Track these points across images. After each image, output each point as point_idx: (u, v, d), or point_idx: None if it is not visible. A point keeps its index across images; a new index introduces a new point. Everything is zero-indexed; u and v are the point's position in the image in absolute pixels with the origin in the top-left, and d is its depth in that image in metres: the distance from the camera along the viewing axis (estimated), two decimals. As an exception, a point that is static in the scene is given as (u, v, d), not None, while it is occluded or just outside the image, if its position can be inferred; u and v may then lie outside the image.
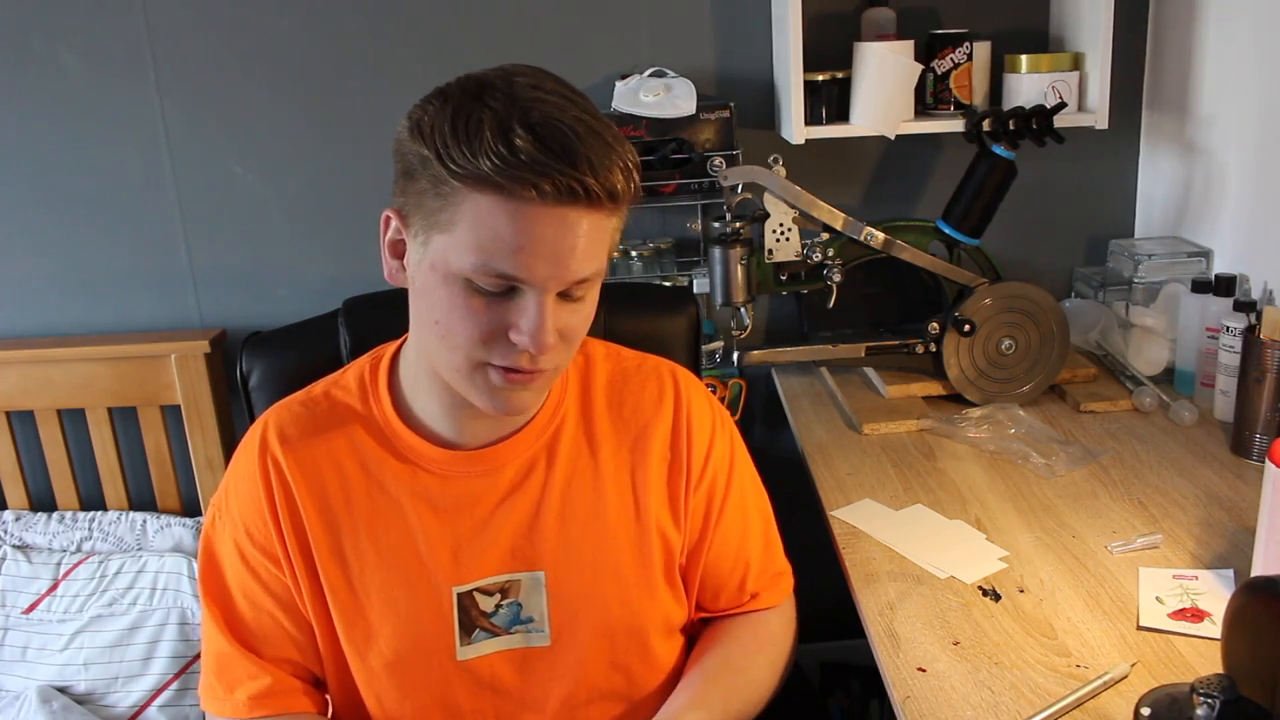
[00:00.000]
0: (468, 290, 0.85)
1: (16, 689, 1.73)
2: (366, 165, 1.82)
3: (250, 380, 1.23)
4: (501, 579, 0.99)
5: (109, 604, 1.75)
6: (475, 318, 0.85)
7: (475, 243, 0.82)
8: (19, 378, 1.82)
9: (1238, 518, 1.21)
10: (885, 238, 1.56)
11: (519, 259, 0.82)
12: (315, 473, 0.98)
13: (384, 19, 1.76)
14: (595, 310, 0.93)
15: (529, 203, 0.81)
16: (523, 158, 0.79)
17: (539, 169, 0.79)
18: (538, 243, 0.82)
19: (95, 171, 1.80)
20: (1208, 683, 0.77)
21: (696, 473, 1.04)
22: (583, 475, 1.01)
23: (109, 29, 1.74)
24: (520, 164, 0.79)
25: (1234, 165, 1.63)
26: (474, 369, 0.88)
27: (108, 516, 1.86)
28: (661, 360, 1.09)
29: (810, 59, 1.64)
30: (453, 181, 0.82)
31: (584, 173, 0.81)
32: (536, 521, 0.99)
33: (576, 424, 1.02)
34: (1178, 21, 1.73)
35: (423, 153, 0.83)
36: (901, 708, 0.92)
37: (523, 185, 0.80)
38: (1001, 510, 1.27)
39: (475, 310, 0.85)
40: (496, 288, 0.84)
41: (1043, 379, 1.58)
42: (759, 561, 1.10)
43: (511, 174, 0.79)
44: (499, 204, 0.81)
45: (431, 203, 0.84)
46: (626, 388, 1.05)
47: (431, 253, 0.85)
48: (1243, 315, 1.41)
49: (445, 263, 0.84)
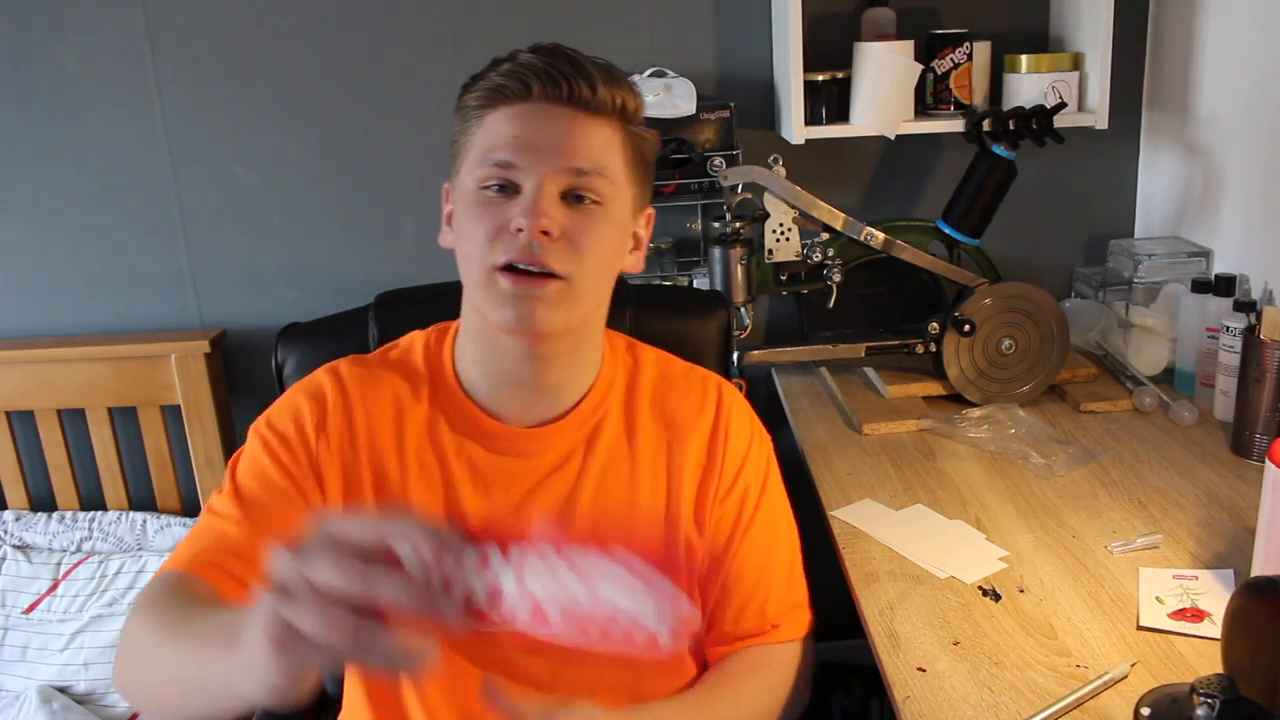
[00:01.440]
0: (477, 199, 0.93)
1: (16, 689, 1.73)
2: (367, 165, 1.83)
3: (285, 369, 1.27)
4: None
5: (109, 604, 1.75)
6: (481, 217, 0.92)
7: (482, 150, 0.92)
8: (19, 378, 1.82)
9: (1238, 518, 1.21)
10: (885, 238, 1.56)
11: (513, 147, 0.91)
12: (378, 406, 1.00)
13: (384, 19, 1.76)
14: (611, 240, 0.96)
15: (523, 100, 0.92)
16: (521, 63, 0.92)
17: (531, 69, 0.92)
18: (531, 132, 0.91)
19: (95, 171, 1.80)
20: (1208, 683, 0.77)
21: (727, 483, 1.05)
22: (619, 469, 1.03)
23: (109, 28, 1.74)
24: (517, 69, 0.92)
25: (1234, 165, 1.63)
26: (488, 277, 0.92)
27: (108, 516, 1.86)
28: (710, 373, 1.11)
29: (810, 59, 1.64)
30: (469, 109, 0.94)
31: (574, 74, 0.91)
32: (568, 507, 1.01)
33: (619, 420, 1.04)
34: (1178, 21, 1.73)
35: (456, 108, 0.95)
36: (901, 708, 0.92)
37: (518, 86, 0.91)
38: (1001, 510, 1.27)
39: (481, 212, 0.92)
40: (496, 179, 0.91)
41: (1043, 379, 1.58)
42: (781, 588, 1.08)
43: (508, 79, 0.92)
44: (501, 113, 0.93)
45: (458, 143, 0.96)
46: (671, 391, 1.07)
47: (459, 184, 0.95)
48: (1243, 315, 1.41)
49: (465, 183, 0.94)
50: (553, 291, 0.92)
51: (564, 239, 0.91)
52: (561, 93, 0.92)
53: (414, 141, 1.82)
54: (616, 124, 0.95)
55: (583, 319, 0.97)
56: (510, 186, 0.92)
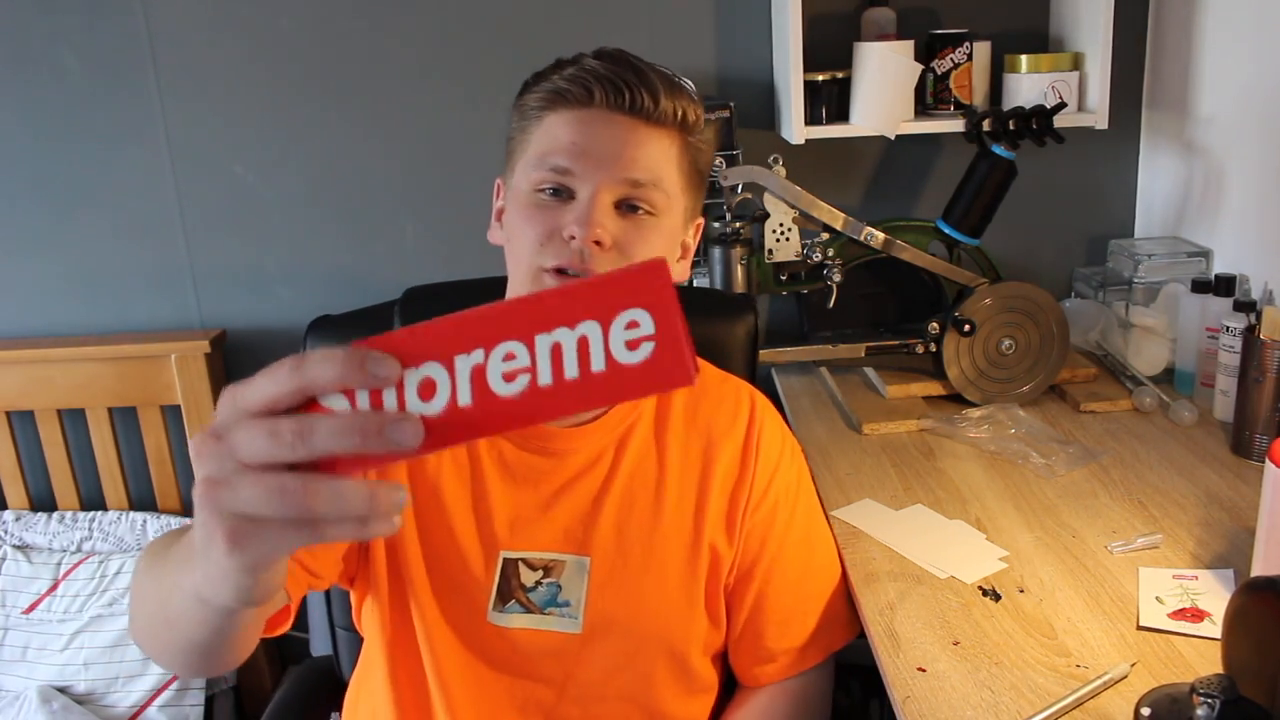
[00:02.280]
0: (531, 200, 0.93)
1: (16, 689, 1.73)
2: (367, 165, 1.83)
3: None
4: (548, 556, 1.01)
5: (109, 604, 1.75)
6: (533, 220, 0.92)
7: (539, 152, 0.93)
8: (19, 378, 1.83)
9: (1238, 518, 1.21)
10: (885, 238, 1.56)
11: (570, 152, 0.92)
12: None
13: (385, 19, 1.76)
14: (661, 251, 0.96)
15: (585, 106, 0.92)
16: (585, 68, 0.92)
17: (595, 76, 0.92)
18: (590, 140, 0.92)
19: (95, 171, 1.80)
20: (1208, 683, 0.77)
21: (759, 494, 1.06)
22: (646, 476, 1.03)
23: (109, 29, 1.74)
24: (581, 74, 0.92)
25: (1234, 165, 1.63)
26: (535, 279, 0.92)
27: (108, 516, 1.86)
28: (743, 383, 1.13)
29: (810, 59, 1.64)
30: (529, 107, 0.94)
31: (637, 84, 0.92)
32: (594, 510, 1.01)
33: (649, 427, 1.05)
34: (1178, 21, 1.73)
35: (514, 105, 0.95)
36: (901, 708, 0.92)
37: (580, 91, 0.92)
38: (1001, 510, 1.27)
39: (534, 214, 0.93)
40: (552, 184, 0.92)
41: (1043, 379, 1.58)
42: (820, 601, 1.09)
43: (571, 84, 0.92)
44: (561, 115, 0.93)
45: (515, 140, 0.96)
46: (705, 400, 1.08)
47: (513, 183, 0.96)
48: (1243, 315, 1.41)
49: (519, 183, 0.95)
50: None
51: (615, 248, 0.92)
52: (624, 101, 0.92)
53: (414, 142, 1.82)
54: (675, 135, 0.96)
55: None
56: (565, 191, 0.92)
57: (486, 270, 1.40)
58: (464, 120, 1.81)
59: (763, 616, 1.07)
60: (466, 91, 1.80)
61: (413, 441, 0.49)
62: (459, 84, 1.80)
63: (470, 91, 1.80)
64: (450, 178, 1.84)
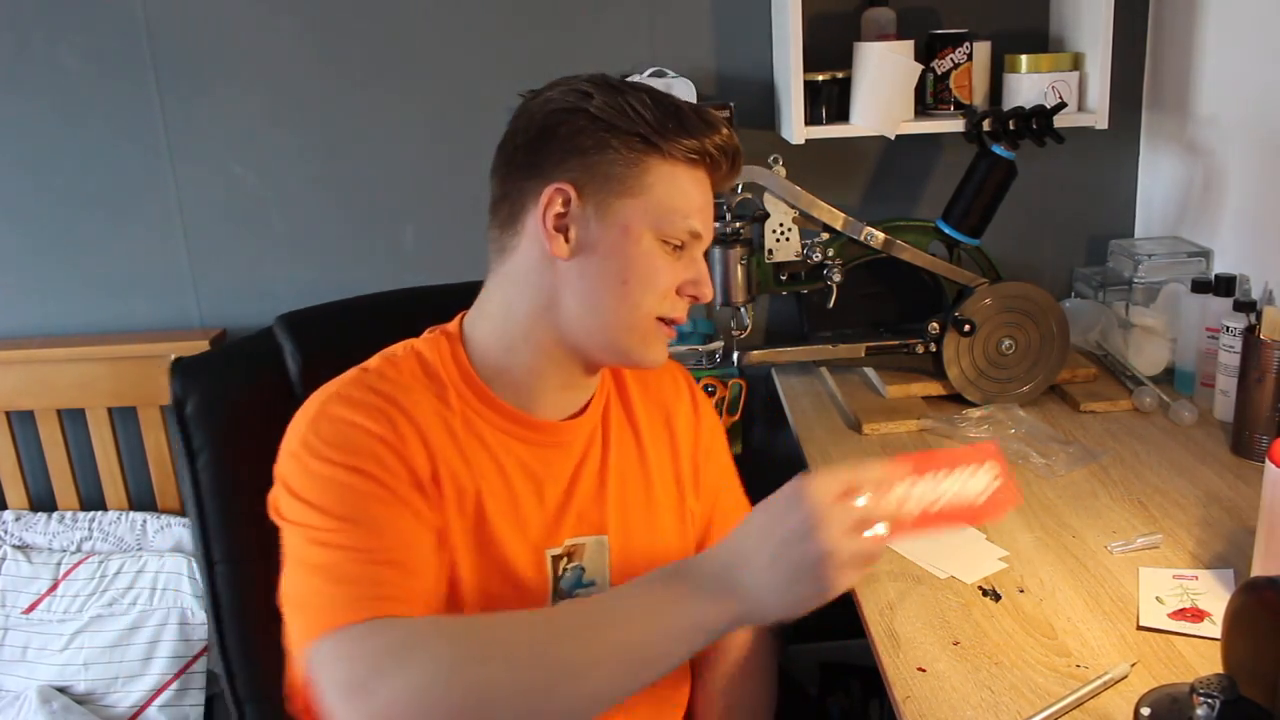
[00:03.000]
0: (660, 248, 0.96)
1: (16, 689, 1.73)
2: (367, 166, 1.83)
3: (186, 408, 1.14)
4: (572, 542, 1.03)
5: (109, 604, 1.75)
6: (667, 271, 0.97)
7: (676, 208, 0.96)
8: (19, 378, 1.82)
9: (1238, 518, 1.21)
10: (885, 238, 1.56)
11: (703, 219, 0.98)
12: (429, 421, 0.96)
13: (384, 20, 1.76)
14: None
15: (711, 172, 0.98)
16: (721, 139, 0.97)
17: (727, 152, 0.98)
18: (708, 207, 0.99)
19: (95, 171, 1.80)
20: (1208, 683, 0.77)
21: (706, 452, 1.16)
22: (628, 451, 1.09)
23: (109, 28, 1.74)
24: (721, 147, 0.97)
25: (1234, 165, 1.63)
26: (651, 325, 0.98)
27: (108, 516, 1.86)
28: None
29: (810, 59, 1.64)
30: (656, 145, 0.94)
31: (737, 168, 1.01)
32: (601, 490, 1.05)
33: (618, 407, 1.10)
34: (1178, 21, 1.73)
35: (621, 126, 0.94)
36: (901, 708, 0.92)
37: (718, 160, 0.97)
38: (1001, 510, 1.27)
39: (665, 266, 0.97)
40: (681, 241, 0.97)
41: (1043, 379, 1.58)
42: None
43: (719, 154, 0.97)
44: (693, 175, 0.97)
45: (622, 171, 0.95)
46: (650, 377, 1.14)
47: (623, 217, 0.95)
48: (1243, 315, 1.41)
49: (639, 224, 0.95)
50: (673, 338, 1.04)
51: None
52: (726, 180, 1.01)
53: (415, 143, 1.82)
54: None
55: None
56: (682, 248, 0.98)
57: (485, 272, 1.39)
58: (465, 121, 1.81)
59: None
60: (467, 92, 1.80)
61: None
62: (460, 85, 1.80)
63: (471, 92, 1.80)
64: (451, 179, 1.83)
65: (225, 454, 1.13)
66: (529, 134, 0.96)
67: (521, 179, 0.97)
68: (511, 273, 0.99)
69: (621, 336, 0.98)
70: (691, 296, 0.99)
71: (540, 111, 0.96)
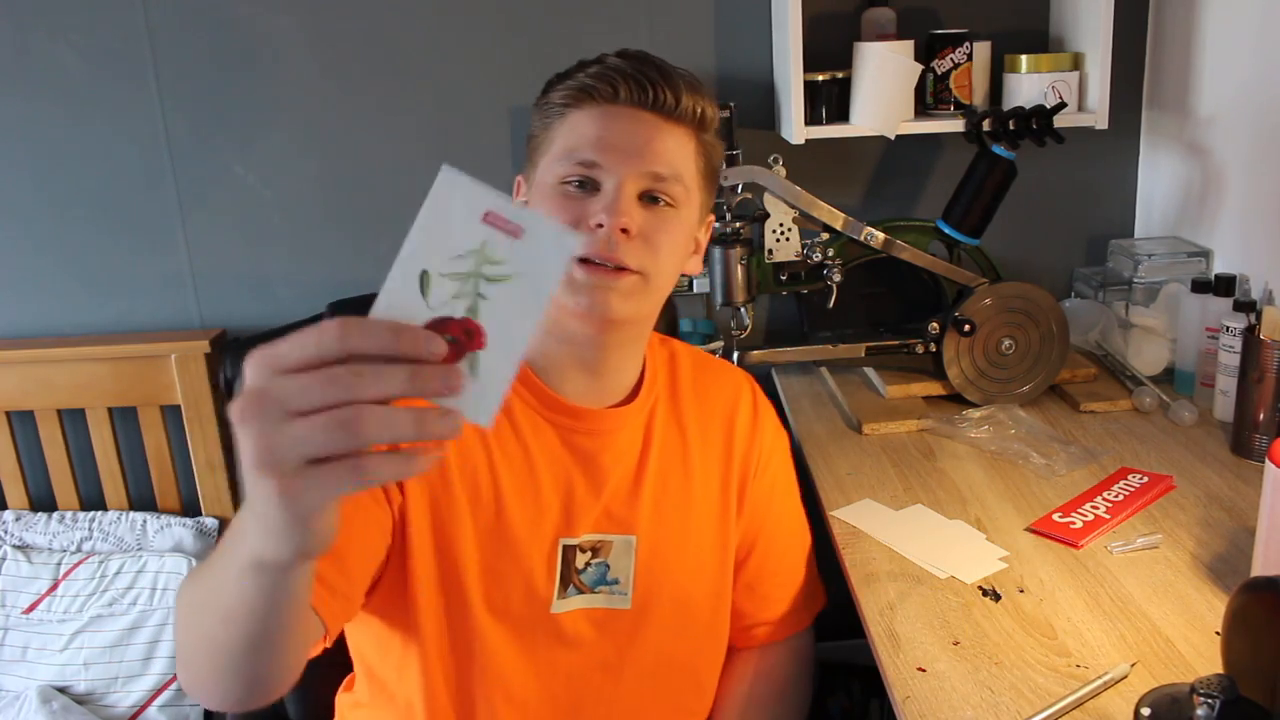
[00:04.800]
0: (557, 193, 0.96)
1: (16, 689, 1.73)
2: (368, 165, 1.83)
3: (236, 385, 1.25)
4: (596, 537, 1.03)
5: (109, 604, 1.75)
6: (561, 211, 0.95)
7: (565, 147, 0.96)
8: (19, 378, 1.82)
9: (1238, 518, 1.21)
10: (885, 238, 1.56)
11: (598, 146, 0.95)
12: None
13: (383, 19, 1.76)
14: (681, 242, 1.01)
15: (609, 103, 0.96)
16: (609, 66, 0.96)
17: (620, 73, 0.95)
18: (615, 134, 0.95)
19: (95, 171, 1.80)
20: (1208, 683, 0.77)
21: (762, 466, 1.14)
22: (673, 453, 1.08)
23: (109, 28, 1.74)
24: (606, 72, 0.95)
25: (1234, 165, 1.63)
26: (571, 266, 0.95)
27: (108, 516, 1.86)
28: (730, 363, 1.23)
29: (810, 59, 1.63)
30: (553, 104, 0.96)
31: (660, 81, 0.96)
32: (634, 489, 1.05)
33: (667, 406, 1.09)
34: (1178, 21, 1.73)
35: (536, 102, 0.98)
36: (901, 708, 0.92)
37: (606, 88, 0.95)
38: (1001, 510, 1.27)
39: (562, 205, 0.95)
40: (578, 177, 0.95)
41: (1043, 379, 1.58)
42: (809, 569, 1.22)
43: (596, 80, 0.95)
44: (586, 113, 0.96)
45: (538, 138, 0.99)
46: (709, 377, 1.14)
47: (537, 178, 0.98)
48: (1243, 315, 1.41)
49: (544, 179, 0.97)
50: (627, 284, 0.96)
51: (640, 237, 0.96)
52: (647, 98, 0.96)
53: (415, 142, 1.82)
54: (693, 132, 1.00)
55: (650, 311, 1.02)
56: (590, 184, 0.96)
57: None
58: (464, 121, 1.81)
59: (765, 581, 1.16)
60: (467, 91, 1.80)
61: (454, 435, 0.52)
62: (460, 84, 1.80)
63: (470, 92, 1.80)
64: (450, 178, 1.83)
65: None
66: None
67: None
68: None
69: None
70: (599, 225, 0.93)
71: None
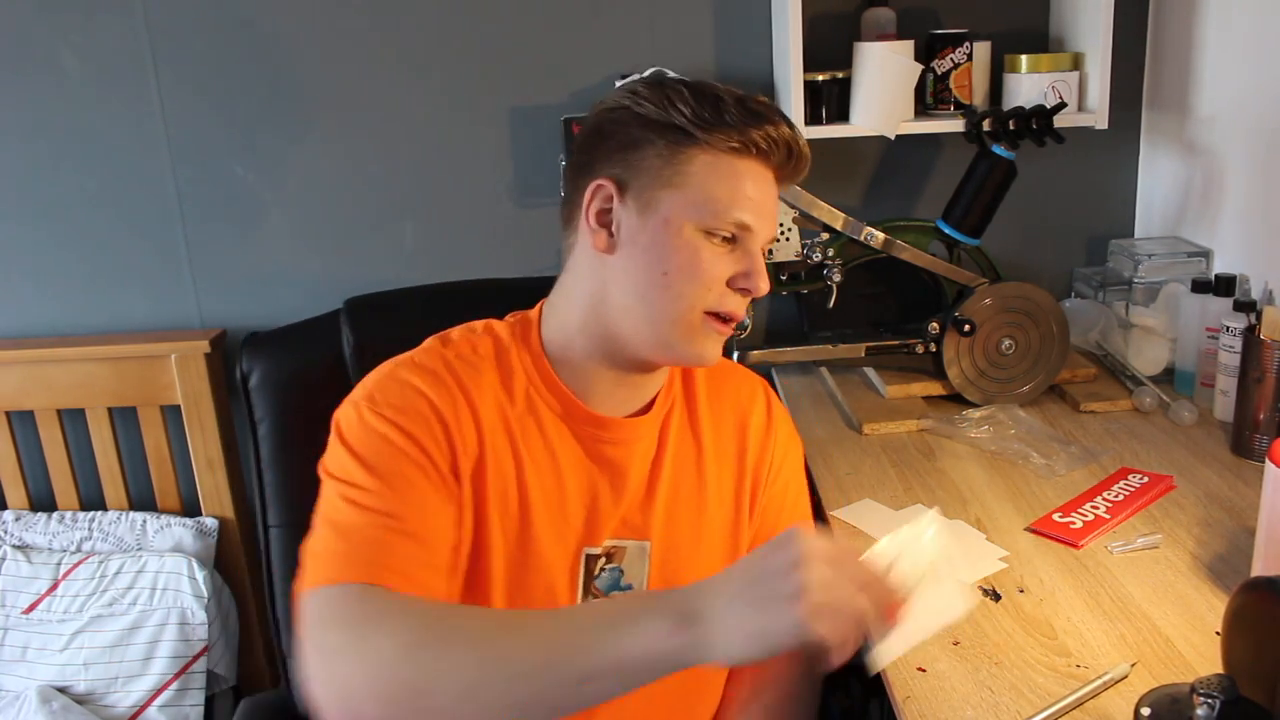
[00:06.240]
0: (703, 239, 0.95)
1: (16, 689, 1.73)
2: (367, 165, 1.83)
3: (250, 380, 1.26)
4: (612, 543, 1.03)
5: (109, 604, 1.75)
6: (712, 264, 0.95)
7: (720, 198, 0.94)
8: (19, 378, 1.83)
9: (1238, 518, 1.21)
10: (885, 238, 1.56)
11: (755, 212, 0.96)
12: (489, 409, 0.98)
13: (383, 19, 1.76)
14: None
15: (763, 163, 0.96)
16: (777, 135, 0.95)
17: (782, 142, 0.96)
18: (764, 200, 0.97)
19: (95, 171, 1.80)
20: (1208, 683, 0.77)
21: (775, 470, 1.13)
22: (687, 459, 1.08)
23: (109, 29, 1.74)
24: (774, 137, 0.95)
25: (1234, 165, 1.63)
26: (698, 319, 0.97)
27: (108, 516, 1.86)
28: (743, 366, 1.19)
29: (810, 59, 1.63)
30: (694, 136, 0.94)
31: (801, 159, 0.98)
32: (649, 495, 1.05)
33: (682, 411, 1.09)
34: (1178, 21, 1.73)
35: (660, 120, 0.95)
36: (901, 708, 0.92)
37: (771, 152, 0.95)
38: (1001, 510, 1.27)
39: (711, 258, 0.95)
40: (729, 233, 0.95)
41: (1043, 379, 1.58)
42: None
43: (767, 144, 0.95)
44: (744, 166, 0.95)
45: (661, 165, 0.95)
46: (725, 380, 1.13)
47: (663, 209, 0.95)
48: (1243, 315, 1.41)
49: (681, 216, 0.95)
50: (728, 334, 1.00)
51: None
52: (789, 174, 0.99)
53: (415, 142, 1.82)
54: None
55: None
56: (734, 240, 0.96)
57: (486, 272, 1.40)
58: (465, 121, 1.81)
59: None
60: (467, 92, 1.80)
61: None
62: (460, 84, 1.80)
63: (471, 91, 1.80)
64: (451, 178, 1.84)
65: (284, 422, 1.25)
66: (583, 136, 1.01)
67: (576, 179, 1.00)
68: (572, 269, 1.02)
69: (666, 330, 0.97)
70: (743, 290, 0.97)
71: (594, 114, 1.01)
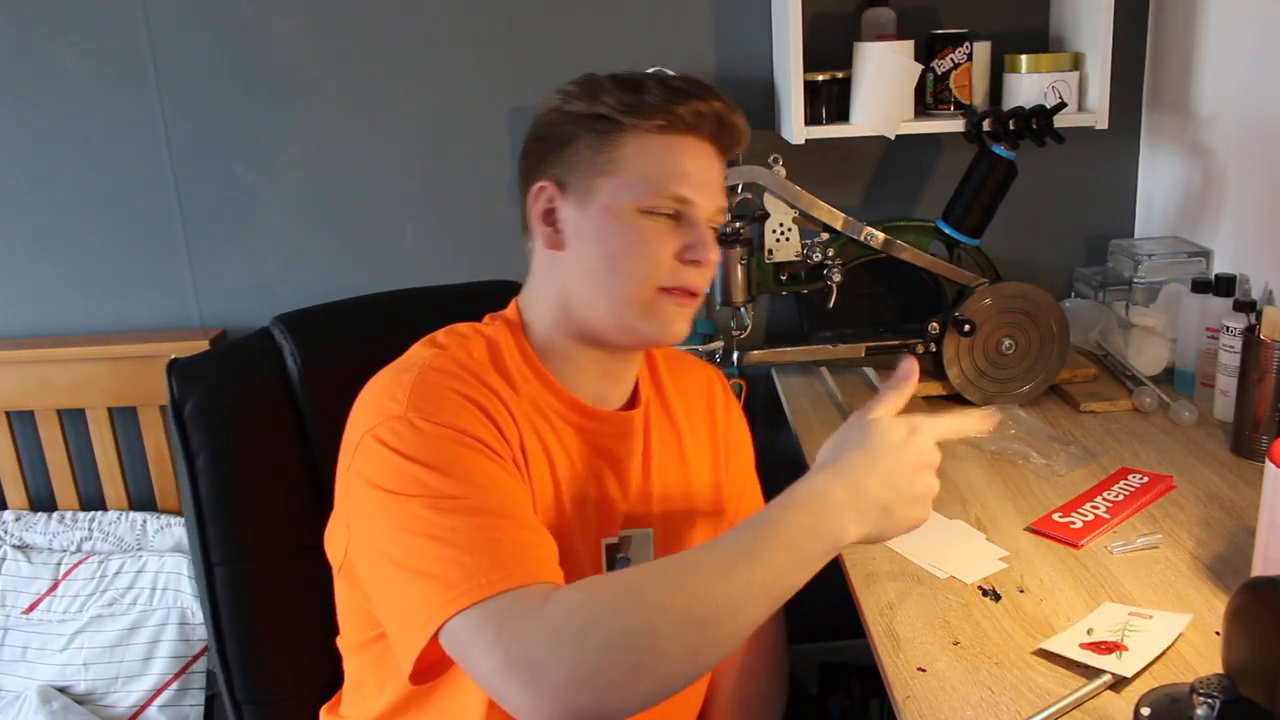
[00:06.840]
0: (644, 219, 0.97)
1: (16, 689, 1.73)
2: (367, 165, 1.83)
3: (185, 410, 1.13)
4: (624, 534, 1.06)
5: (109, 604, 1.75)
6: (656, 242, 0.97)
7: (653, 176, 0.96)
8: (19, 378, 1.82)
9: (1238, 518, 1.21)
10: (885, 238, 1.56)
11: (693, 184, 0.97)
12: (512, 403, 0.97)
13: (383, 19, 1.76)
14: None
15: (696, 137, 0.97)
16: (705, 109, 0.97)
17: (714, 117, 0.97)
18: (705, 173, 0.99)
19: (95, 172, 1.80)
20: (1208, 683, 0.77)
21: (736, 444, 1.19)
22: (670, 446, 1.11)
23: (109, 29, 1.74)
24: (702, 110, 0.96)
25: (1234, 165, 1.63)
26: (653, 296, 0.98)
27: (108, 516, 1.86)
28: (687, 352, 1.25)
29: (810, 59, 1.64)
30: (620, 122, 0.95)
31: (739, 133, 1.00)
32: (645, 484, 1.08)
33: (656, 401, 1.12)
34: (1178, 21, 1.73)
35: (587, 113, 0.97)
36: (901, 708, 0.92)
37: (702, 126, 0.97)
38: (1001, 510, 1.27)
39: (653, 236, 0.97)
40: (669, 210, 0.97)
41: (1043, 379, 1.58)
42: None
43: (694, 117, 0.96)
44: (676, 143, 0.97)
45: (593, 155, 0.97)
46: (682, 368, 1.17)
47: (601, 197, 0.97)
48: (1243, 315, 1.41)
49: (619, 200, 0.96)
50: (693, 309, 1.02)
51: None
52: (726, 144, 1.01)
53: (414, 142, 1.82)
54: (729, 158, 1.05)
55: None
56: (678, 216, 0.98)
57: (485, 272, 1.40)
58: (465, 121, 1.81)
59: None
60: (466, 92, 1.80)
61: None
62: (460, 84, 1.80)
63: (470, 92, 1.80)
64: (450, 179, 1.84)
65: (225, 454, 1.13)
66: (525, 144, 1.04)
67: (523, 186, 1.03)
68: (535, 271, 1.04)
69: (624, 311, 0.98)
70: (692, 261, 0.98)
71: (533, 121, 1.03)
